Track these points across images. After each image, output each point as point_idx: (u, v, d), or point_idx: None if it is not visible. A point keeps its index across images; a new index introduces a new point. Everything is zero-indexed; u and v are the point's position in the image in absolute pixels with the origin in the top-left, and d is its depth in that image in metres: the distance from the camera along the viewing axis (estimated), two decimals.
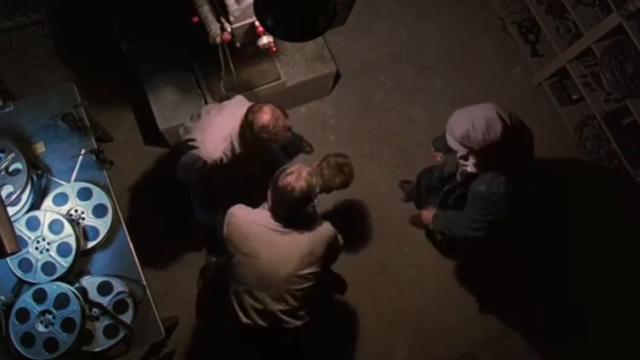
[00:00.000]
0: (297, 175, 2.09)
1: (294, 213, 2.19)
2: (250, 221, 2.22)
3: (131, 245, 2.49)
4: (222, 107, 2.54)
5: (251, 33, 2.58)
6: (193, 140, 2.47)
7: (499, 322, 3.37)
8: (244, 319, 2.36)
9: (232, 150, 2.47)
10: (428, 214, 2.74)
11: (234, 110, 2.47)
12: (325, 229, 2.27)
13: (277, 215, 2.19)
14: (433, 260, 3.43)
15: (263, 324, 2.34)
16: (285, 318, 2.32)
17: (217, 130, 2.46)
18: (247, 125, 2.31)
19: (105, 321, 2.33)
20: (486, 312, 3.38)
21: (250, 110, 2.32)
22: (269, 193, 2.17)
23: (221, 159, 2.46)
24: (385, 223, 3.45)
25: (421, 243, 3.45)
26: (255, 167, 2.67)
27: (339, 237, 2.34)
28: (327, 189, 2.53)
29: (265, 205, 2.23)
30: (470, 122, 2.05)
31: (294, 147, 3.33)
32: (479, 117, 2.05)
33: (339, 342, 3.22)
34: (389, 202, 3.46)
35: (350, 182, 2.58)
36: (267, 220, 2.20)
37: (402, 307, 3.33)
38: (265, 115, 2.27)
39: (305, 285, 2.26)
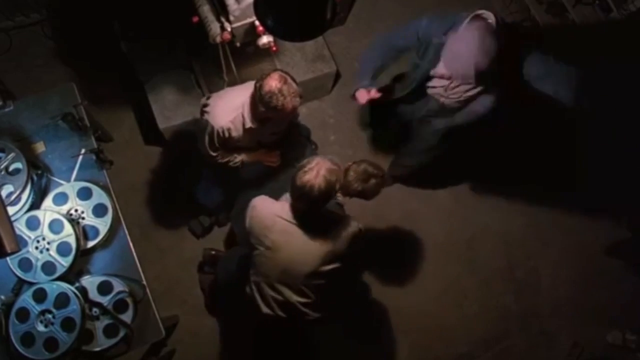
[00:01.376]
0: (315, 173, 2.04)
1: (314, 210, 2.16)
2: (273, 213, 2.20)
3: (131, 245, 2.49)
4: (232, 89, 2.53)
5: (251, 33, 2.58)
6: (206, 105, 2.44)
7: (499, 322, 3.37)
8: (265, 309, 2.35)
9: (243, 123, 2.42)
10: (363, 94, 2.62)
11: (245, 88, 2.43)
12: (350, 225, 2.24)
13: (298, 210, 2.18)
14: (433, 260, 3.43)
15: (282, 314, 2.33)
16: (306, 310, 2.31)
17: (230, 98, 2.44)
18: (257, 93, 2.26)
19: (105, 321, 2.33)
20: (486, 312, 3.38)
21: (259, 78, 2.27)
22: (290, 188, 2.15)
23: (229, 130, 2.41)
24: (385, 223, 3.45)
25: (421, 243, 3.46)
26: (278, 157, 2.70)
27: (362, 229, 2.30)
28: (345, 190, 2.46)
29: (288, 197, 2.21)
30: (471, 55, 2.06)
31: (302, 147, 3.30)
32: (477, 43, 2.05)
33: (339, 342, 3.22)
34: (388, 202, 3.46)
35: (370, 196, 2.48)
36: (289, 214, 2.18)
37: (402, 307, 3.33)
38: (273, 80, 2.21)
39: (325, 280, 2.25)
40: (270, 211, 2.22)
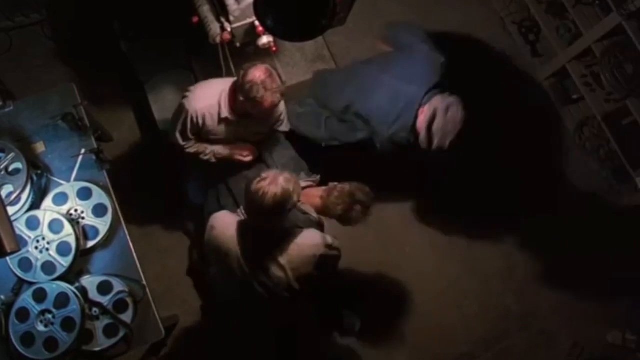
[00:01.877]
0: (271, 179, 1.93)
1: (266, 223, 2.04)
2: (229, 236, 2.12)
3: (131, 245, 2.49)
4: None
5: (251, 33, 2.58)
6: (188, 90, 2.43)
7: (499, 322, 3.37)
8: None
9: (219, 112, 2.37)
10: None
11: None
12: (308, 244, 2.08)
13: (254, 228, 2.08)
14: (433, 260, 3.43)
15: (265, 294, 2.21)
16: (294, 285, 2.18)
17: (212, 84, 2.43)
18: (239, 80, 2.23)
19: (105, 321, 2.33)
20: (486, 312, 3.38)
21: (244, 66, 2.24)
22: (244, 200, 2.05)
23: (203, 117, 2.37)
24: (385, 223, 3.45)
25: (421, 243, 3.45)
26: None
27: (332, 244, 2.15)
28: (324, 211, 2.36)
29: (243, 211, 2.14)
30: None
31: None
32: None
33: (339, 342, 3.22)
34: (388, 202, 3.45)
35: (349, 223, 2.33)
36: (244, 236, 2.09)
37: (402, 307, 3.33)
38: (258, 71, 2.19)
39: (303, 289, 2.18)
40: (228, 233, 2.11)
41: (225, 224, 2.16)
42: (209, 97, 2.38)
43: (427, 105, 2.43)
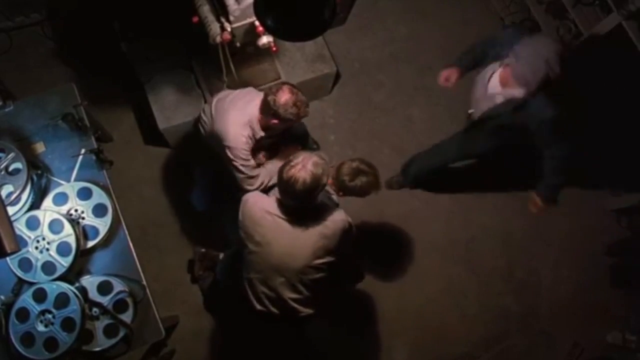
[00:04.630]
0: (301, 166, 2.06)
1: (301, 204, 2.17)
2: (262, 208, 2.23)
3: (131, 245, 2.49)
4: (232, 97, 2.57)
5: (251, 33, 2.58)
6: (216, 132, 2.51)
7: (499, 322, 3.37)
8: (258, 306, 2.37)
9: (254, 135, 2.51)
10: (537, 202, 2.73)
11: (247, 98, 2.53)
12: (339, 219, 2.23)
13: (285, 205, 2.19)
14: (433, 260, 3.43)
15: (275, 311, 2.34)
16: (297, 306, 2.32)
17: (236, 116, 2.49)
18: (272, 105, 2.35)
19: (105, 321, 2.33)
20: (486, 312, 3.38)
21: (268, 92, 2.38)
22: (277, 183, 2.16)
23: (247, 146, 2.50)
24: (385, 223, 3.45)
25: (421, 243, 3.45)
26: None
27: (352, 225, 2.30)
28: (337, 187, 2.47)
29: (276, 193, 2.23)
30: (545, 64, 2.09)
31: (301, 139, 3.31)
32: (552, 54, 2.09)
33: (339, 342, 3.22)
34: (389, 202, 3.46)
35: (361, 193, 2.45)
36: (276, 209, 2.20)
37: (402, 307, 3.33)
38: (285, 94, 2.34)
39: (319, 275, 2.26)
40: (261, 206, 2.24)
41: (258, 198, 2.30)
42: (243, 129, 2.47)
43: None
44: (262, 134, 2.52)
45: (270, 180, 2.63)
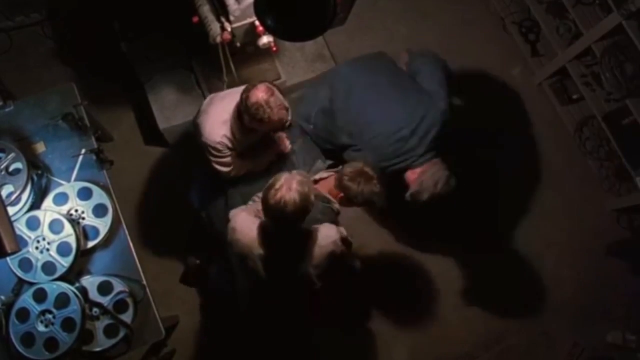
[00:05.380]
0: (286, 188, 1.96)
1: (293, 228, 2.11)
2: (251, 239, 2.15)
3: (131, 245, 2.49)
4: (224, 94, 2.49)
5: (251, 33, 2.58)
6: (197, 124, 2.42)
7: (499, 322, 3.37)
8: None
9: (232, 134, 2.40)
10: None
11: (235, 96, 2.39)
12: (328, 242, 2.15)
13: (274, 229, 2.12)
14: (433, 261, 3.43)
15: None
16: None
17: (217, 112, 2.40)
18: (242, 104, 2.23)
19: (105, 321, 2.33)
20: (486, 312, 3.38)
21: (245, 89, 2.25)
22: (263, 211, 2.07)
23: (224, 144, 2.40)
24: (385, 223, 3.45)
25: (421, 243, 3.45)
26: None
27: (343, 237, 2.24)
28: (346, 192, 2.35)
29: (258, 208, 2.16)
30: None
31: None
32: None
33: (339, 342, 3.22)
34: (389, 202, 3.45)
35: (366, 199, 2.34)
36: (265, 236, 2.13)
37: (401, 308, 3.33)
38: (260, 92, 2.18)
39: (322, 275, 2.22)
40: (249, 238, 2.15)
41: (246, 226, 2.19)
42: (222, 125, 2.37)
43: (418, 169, 2.62)
44: (239, 135, 2.39)
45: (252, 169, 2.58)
